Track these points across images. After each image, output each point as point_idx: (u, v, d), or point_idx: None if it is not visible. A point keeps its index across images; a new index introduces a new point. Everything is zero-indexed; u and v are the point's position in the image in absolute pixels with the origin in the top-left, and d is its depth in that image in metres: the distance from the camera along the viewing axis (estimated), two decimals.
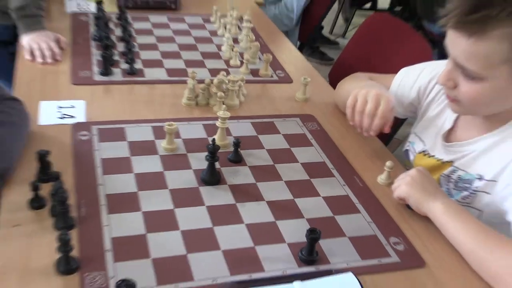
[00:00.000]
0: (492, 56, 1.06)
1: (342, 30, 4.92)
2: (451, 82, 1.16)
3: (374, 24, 2.30)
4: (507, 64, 1.06)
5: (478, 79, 1.10)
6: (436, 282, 1.02)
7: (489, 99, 1.14)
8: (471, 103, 1.16)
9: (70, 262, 0.94)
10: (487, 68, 1.08)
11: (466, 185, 1.24)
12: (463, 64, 1.10)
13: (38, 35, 1.71)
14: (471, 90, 1.12)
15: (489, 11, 1.03)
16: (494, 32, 1.04)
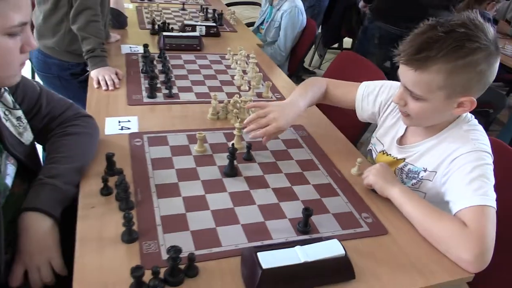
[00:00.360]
0: (432, 84, 1.04)
1: (317, 63, 4.89)
2: (402, 101, 1.14)
3: (343, 59, 2.28)
4: (442, 90, 1.05)
5: (422, 100, 1.08)
6: (396, 245, 1.01)
7: (429, 114, 1.12)
8: (417, 117, 1.14)
9: (132, 233, 0.93)
10: (428, 92, 1.06)
11: (415, 175, 1.21)
12: (410, 89, 1.09)
13: (103, 70, 1.68)
14: (416, 107, 1.11)
15: (429, 52, 1.02)
16: (433, 67, 1.02)
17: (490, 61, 1.03)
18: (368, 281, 0.89)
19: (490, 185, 1.03)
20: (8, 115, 1.04)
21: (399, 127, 1.31)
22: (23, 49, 0.90)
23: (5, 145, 0.99)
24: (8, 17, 0.82)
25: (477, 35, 1.00)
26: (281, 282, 0.82)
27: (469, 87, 1.04)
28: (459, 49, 1.00)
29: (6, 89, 1.04)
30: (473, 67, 1.01)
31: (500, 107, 3.18)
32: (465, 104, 1.07)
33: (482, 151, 1.09)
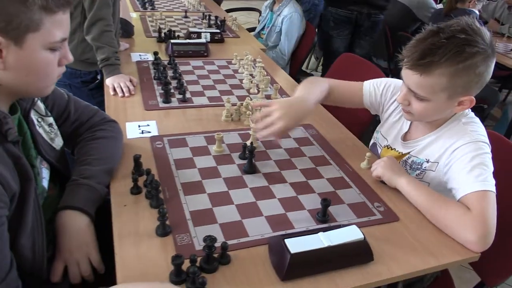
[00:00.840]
0: (435, 87, 1.12)
1: (314, 65, 4.98)
2: (406, 102, 1.21)
3: (343, 61, 2.35)
4: (445, 92, 1.12)
5: (425, 100, 1.16)
6: (408, 230, 1.09)
7: (431, 113, 1.20)
8: (420, 115, 1.22)
9: (166, 227, 1.00)
10: (431, 94, 1.14)
11: (418, 166, 1.29)
12: (414, 91, 1.16)
13: (117, 77, 1.74)
14: (420, 107, 1.18)
15: (433, 57, 1.09)
16: (436, 71, 1.10)
17: (487, 63, 1.11)
18: (385, 263, 0.97)
19: (489, 172, 1.11)
20: (41, 122, 1.10)
21: (402, 124, 1.38)
22: (60, 62, 0.97)
23: (39, 151, 1.06)
24: (51, 34, 0.89)
25: (476, 39, 1.09)
26: (308, 265, 0.90)
27: (469, 87, 1.12)
28: (460, 54, 1.08)
29: (38, 98, 1.10)
30: (473, 70, 1.09)
31: (494, 102, 3.27)
32: (465, 103, 1.16)
33: (480, 141, 1.17)
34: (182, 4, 3.41)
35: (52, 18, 0.87)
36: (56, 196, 1.12)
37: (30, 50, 0.87)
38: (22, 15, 0.83)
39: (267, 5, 3.07)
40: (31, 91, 0.96)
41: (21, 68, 0.88)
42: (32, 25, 0.85)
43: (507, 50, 3.23)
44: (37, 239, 0.95)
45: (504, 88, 4.20)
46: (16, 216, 0.89)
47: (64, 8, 0.90)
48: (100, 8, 1.75)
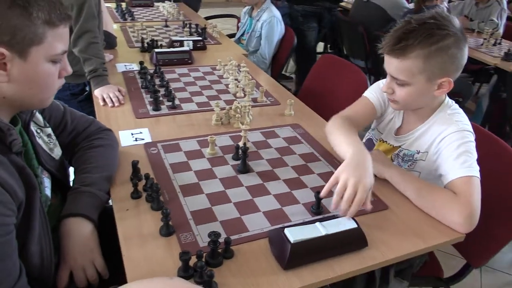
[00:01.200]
0: (413, 69, 1.20)
1: (293, 68, 5.05)
2: (390, 90, 1.29)
3: (324, 63, 2.43)
4: (422, 74, 1.20)
5: (406, 85, 1.24)
6: (397, 217, 1.15)
7: (414, 98, 1.27)
8: (404, 101, 1.28)
9: (169, 228, 1.04)
10: (411, 77, 1.22)
11: (410, 158, 1.36)
12: (396, 76, 1.24)
13: (106, 88, 1.77)
14: (403, 93, 1.26)
15: (407, 41, 1.18)
16: (411, 54, 1.18)
17: (459, 45, 1.20)
18: (378, 248, 1.03)
19: (473, 159, 1.19)
20: (40, 133, 1.14)
21: (395, 120, 1.45)
22: (60, 74, 1.01)
23: (40, 161, 1.09)
24: (53, 47, 0.93)
25: (445, 24, 1.18)
26: (308, 253, 0.95)
27: (445, 68, 1.20)
28: (431, 36, 1.17)
29: (37, 110, 1.14)
30: (445, 51, 1.18)
31: (468, 96, 3.39)
32: (444, 85, 1.23)
33: (465, 131, 1.25)
34: (161, 14, 3.45)
35: (54, 31, 0.92)
36: (58, 205, 1.15)
37: (33, 63, 0.91)
38: (27, 29, 0.87)
39: (245, 11, 3.14)
40: (33, 103, 0.99)
41: (25, 80, 0.92)
42: (36, 38, 0.89)
43: (478, 45, 3.37)
44: (44, 246, 0.98)
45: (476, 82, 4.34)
46: (23, 224, 0.91)
47: (65, 22, 0.95)
48: (87, 20, 1.78)
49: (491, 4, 3.86)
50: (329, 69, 2.30)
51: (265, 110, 1.78)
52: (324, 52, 5.44)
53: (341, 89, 2.11)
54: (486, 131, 1.50)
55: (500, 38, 3.50)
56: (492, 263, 2.26)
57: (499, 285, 2.16)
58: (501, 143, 1.42)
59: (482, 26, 3.79)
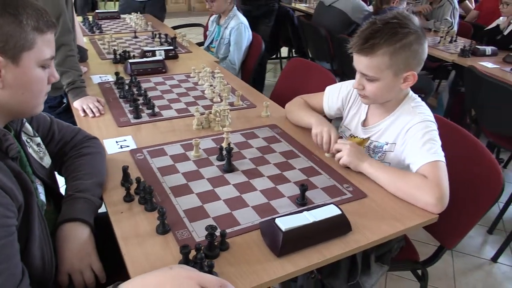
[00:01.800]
0: (381, 66, 1.32)
1: None
2: (361, 86, 1.40)
3: (293, 66, 2.52)
4: (389, 69, 1.32)
5: (375, 80, 1.35)
6: (375, 203, 1.24)
7: (383, 91, 1.38)
8: (374, 95, 1.39)
9: (165, 226, 1.09)
10: (379, 73, 1.33)
11: (380, 149, 1.46)
12: (365, 73, 1.35)
13: (85, 99, 1.79)
14: (373, 88, 1.37)
15: (374, 40, 1.30)
16: (379, 52, 1.30)
17: (420, 41, 1.32)
18: (361, 232, 1.12)
19: (438, 145, 1.30)
20: (30, 142, 1.17)
21: (361, 113, 1.56)
22: (49, 80, 1.06)
23: (32, 169, 1.13)
24: (43, 52, 0.99)
25: (406, 23, 1.31)
26: (298, 240, 1.03)
27: (408, 63, 1.32)
28: (395, 35, 1.29)
29: (25, 120, 1.17)
30: (408, 47, 1.30)
31: (429, 91, 3.58)
32: (409, 78, 1.35)
33: (428, 121, 1.37)
34: (128, 25, 3.47)
35: (43, 37, 0.98)
36: (51, 212, 1.18)
37: (25, 68, 0.96)
38: (18, 35, 0.93)
39: (213, 19, 3.20)
40: (24, 110, 1.03)
41: (18, 85, 0.97)
42: (26, 44, 0.95)
43: (435, 43, 3.55)
44: (45, 249, 1.01)
45: (436, 78, 4.56)
46: (23, 227, 0.94)
47: (52, 29, 1.02)
48: (62, 34, 1.81)
49: (443, 4, 4.08)
50: (298, 72, 2.39)
51: (242, 113, 1.85)
52: (289, 56, 5.58)
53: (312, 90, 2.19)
54: (449, 122, 1.62)
55: (456, 36, 3.71)
56: (462, 247, 2.40)
57: (470, 268, 2.30)
58: (462, 132, 1.54)
59: (438, 25, 4.00)
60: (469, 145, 1.50)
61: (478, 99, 2.72)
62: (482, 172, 1.43)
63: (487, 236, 2.56)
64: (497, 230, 2.59)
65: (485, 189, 1.41)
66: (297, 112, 1.70)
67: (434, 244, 1.58)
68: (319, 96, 1.71)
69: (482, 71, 2.56)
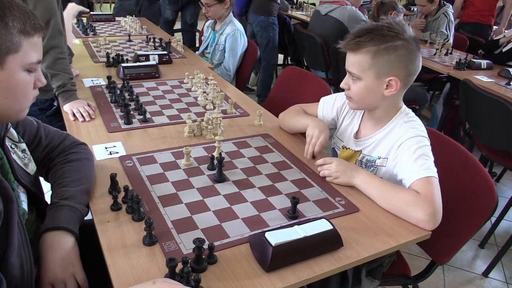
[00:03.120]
0: (363, 63, 1.33)
1: (255, 80, 5.15)
2: (347, 85, 1.40)
3: (288, 74, 2.51)
4: (371, 69, 1.32)
5: (358, 80, 1.36)
6: (367, 218, 1.22)
7: (365, 93, 1.38)
8: (357, 97, 1.40)
9: (152, 237, 1.07)
10: (361, 71, 1.34)
11: (372, 163, 1.45)
12: (349, 70, 1.37)
13: (75, 103, 1.77)
14: (355, 88, 1.38)
15: (360, 38, 1.32)
16: (362, 50, 1.32)
17: (408, 49, 1.31)
18: (353, 248, 1.10)
19: (431, 161, 1.29)
20: (15, 148, 1.14)
21: (354, 125, 1.55)
22: (35, 84, 1.03)
23: (15, 176, 1.10)
24: (29, 55, 0.96)
25: (397, 28, 1.32)
26: (288, 255, 1.01)
27: (391, 67, 1.32)
28: (382, 37, 1.31)
29: (10, 125, 1.15)
30: (393, 50, 1.30)
31: (424, 103, 3.58)
32: (391, 85, 1.34)
33: (421, 136, 1.35)
34: (123, 28, 3.45)
35: (29, 40, 0.96)
36: (33, 220, 1.16)
37: (10, 71, 0.94)
38: (4, 37, 0.91)
39: (208, 25, 3.19)
40: (9, 114, 1.00)
41: (2, 89, 0.94)
42: (12, 47, 0.92)
43: (431, 55, 3.56)
44: (24, 259, 0.98)
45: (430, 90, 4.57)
46: (2, 236, 0.92)
47: (39, 32, 0.99)
48: (53, 37, 1.78)
49: (439, 16, 4.10)
50: (293, 81, 2.39)
51: (235, 121, 1.84)
52: (284, 64, 5.58)
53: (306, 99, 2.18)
54: (442, 135, 1.61)
55: (451, 48, 3.72)
56: (454, 261, 2.39)
57: (461, 282, 2.29)
58: (456, 145, 1.53)
59: (433, 37, 4.01)
60: (462, 159, 1.49)
61: (472, 113, 2.72)
62: (476, 187, 1.42)
63: (479, 250, 2.55)
64: (489, 244, 2.59)
65: (479, 204, 1.40)
66: (293, 118, 1.70)
67: (425, 258, 1.57)
68: (313, 106, 1.70)
69: (477, 85, 2.57)
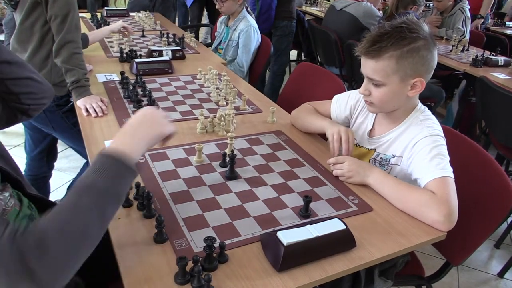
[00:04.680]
0: (387, 69, 1.28)
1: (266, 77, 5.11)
2: (367, 91, 1.36)
3: (301, 70, 2.48)
4: (396, 74, 1.28)
5: (382, 85, 1.31)
6: (381, 218, 1.20)
7: (389, 98, 1.34)
8: (380, 102, 1.35)
9: (163, 234, 1.06)
10: (385, 77, 1.29)
11: (386, 162, 1.42)
12: (371, 77, 1.32)
13: (88, 98, 1.77)
14: (378, 94, 1.33)
15: (381, 43, 1.26)
16: (385, 55, 1.26)
17: (429, 48, 1.28)
18: (366, 248, 1.08)
19: (446, 161, 1.26)
20: None
21: (367, 123, 1.52)
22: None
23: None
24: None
25: (415, 28, 1.27)
26: (300, 255, 0.99)
27: (416, 69, 1.28)
28: (403, 39, 1.26)
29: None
30: (416, 52, 1.26)
31: (440, 100, 3.53)
32: (416, 86, 1.30)
33: (437, 135, 1.32)
34: (137, 23, 3.45)
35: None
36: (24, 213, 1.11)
37: None
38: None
39: (222, 20, 3.17)
40: None
41: None
42: None
43: (447, 52, 3.50)
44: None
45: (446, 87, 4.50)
46: None
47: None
48: (69, 31, 1.77)
49: (455, 12, 4.03)
50: (306, 77, 2.36)
51: (248, 118, 1.82)
52: (298, 60, 5.54)
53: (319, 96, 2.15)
54: (457, 133, 1.57)
55: (468, 45, 3.65)
56: (468, 262, 2.35)
57: (476, 283, 2.25)
58: (472, 144, 1.49)
59: (449, 34, 3.94)
60: (478, 158, 1.45)
61: (488, 110, 2.67)
62: (492, 186, 1.38)
63: (494, 250, 2.51)
64: (504, 244, 2.54)
65: (495, 204, 1.36)
66: (307, 117, 1.66)
67: (440, 257, 1.54)
68: (326, 104, 1.67)
69: (494, 82, 2.51)
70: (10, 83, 1.16)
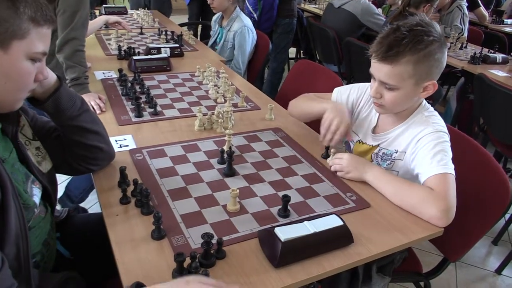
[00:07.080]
0: (403, 74, 1.26)
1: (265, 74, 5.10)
2: (379, 94, 1.34)
3: (300, 67, 2.48)
4: (412, 78, 1.27)
5: (395, 89, 1.30)
6: (379, 214, 1.20)
7: (401, 101, 1.33)
8: (392, 104, 1.34)
9: (161, 231, 1.06)
10: (401, 82, 1.28)
11: (388, 157, 1.42)
12: (386, 81, 1.29)
13: (87, 96, 1.76)
14: (391, 97, 1.32)
15: (398, 48, 1.24)
16: (402, 60, 1.25)
17: (442, 49, 1.28)
18: (363, 244, 1.08)
19: (449, 158, 1.26)
20: (29, 145, 1.13)
21: (371, 119, 1.52)
22: (36, 77, 1.01)
23: (31, 170, 1.09)
24: (35, 44, 0.94)
25: (430, 30, 1.26)
26: (298, 251, 0.99)
27: (430, 72, 1.28)
28: (420, 43, 1.24)
29: (26, 122, 1.14)
30: (432, 56, 1.25)
31: (438, 98, 3.53)
32: (429, 88, 1.30)
33: (441, 132, 1.32)
34: (135, 21, 3.45)
35: (38, 30, 0.93)
36: (47, 219, 1.14)
37: (13, 57, 0.91)
38: (12, 21, 0.89)
39: (215, 20, 3.11)
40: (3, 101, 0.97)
41: (2, 73, 0.92)
42: (19, 32, 0.90)
43: None
44: (22, 248, 0.94)
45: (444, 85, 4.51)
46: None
47: (49, 24, 0.96)
48: (76, 28, 1.77)
49: (453, 10, 4.02)
50: (305, 74, 2.35)
51: (246, 115, 1.82)
52: (296, 57, 5.54)
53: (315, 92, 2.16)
54: (456, 130, 1.57)
55: (466, 42, 3.65)
56: (466, 258, 2.36)
57: (474, 279, 2.25)
58: (470, 141, 1.50)
59: (448, 31, 3.94)
60: (476, 155, 1.45)
61: (487, 107, 2.67)
62: (489, 183, 1.39)
63: (492, 247, 2.51)
64: (502, 241, 2.54)
65: (492, 201, 1.37)
66: (307, 102, 1.64)
67: (437, 254, 1.54)
68: (326, 96, 1.66)
69: (492, 79, 2.51)
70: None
